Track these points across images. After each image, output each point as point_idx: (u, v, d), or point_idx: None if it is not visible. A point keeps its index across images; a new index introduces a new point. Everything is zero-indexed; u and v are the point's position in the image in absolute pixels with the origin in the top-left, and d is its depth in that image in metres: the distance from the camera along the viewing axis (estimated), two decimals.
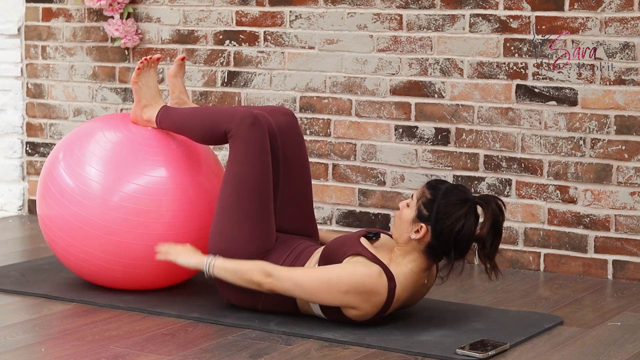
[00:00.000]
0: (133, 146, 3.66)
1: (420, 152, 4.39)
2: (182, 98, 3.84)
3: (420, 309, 3.55)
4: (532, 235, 4.23)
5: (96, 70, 5.04)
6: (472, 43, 4.27)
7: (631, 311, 3.66)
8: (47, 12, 5.12)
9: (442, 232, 3.27)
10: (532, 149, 4.20)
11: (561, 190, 4.16)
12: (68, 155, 3.69)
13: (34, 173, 5.21)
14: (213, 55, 4.77)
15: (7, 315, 3.52)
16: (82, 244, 3.63)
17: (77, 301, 3.65)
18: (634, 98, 4.02)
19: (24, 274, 3.98)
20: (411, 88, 4.39)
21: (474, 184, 4.30)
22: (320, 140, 4.58)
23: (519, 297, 3.83)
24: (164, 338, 3.27)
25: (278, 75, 4.64)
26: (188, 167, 3.69)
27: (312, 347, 3.20)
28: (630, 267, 4.08)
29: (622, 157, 4.06)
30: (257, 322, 3.40)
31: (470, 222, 3.28)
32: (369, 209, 4.50)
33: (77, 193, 3.62)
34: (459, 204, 3.28)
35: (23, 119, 5.22)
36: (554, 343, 3.29)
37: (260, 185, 3.48)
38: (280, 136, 3.61)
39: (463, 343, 3.21)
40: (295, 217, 3.64)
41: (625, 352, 3.21)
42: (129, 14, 4.90)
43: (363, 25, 4.45)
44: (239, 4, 4.70)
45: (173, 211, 3.62)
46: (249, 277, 3.35)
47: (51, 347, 3.18)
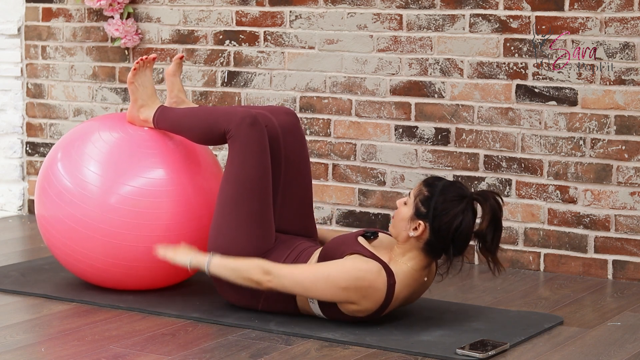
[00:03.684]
0: (130, 147, 3.65)
1: (420, 152, 4.39)
2: (180, 97, 3.84)
3: (420, 309, 3.56)
4: (532, 235, 4.23)
5: (96, 70, 5.04)
6: (472, 43, 4.27)
7: (631, 311, 3.66)
8: (47, 12, 5.12)
9: (440, 229, 3.28)
10: (532, 149, 4.20)
11: (561, 190, 4.16)
12: (66, 156, 3.68)
13: (34, 173, 5.21)
14: (213, 55, 4.77)
15: (7, 315, 3.52)
16: (80, 245, 3.62)
17: (77, 301, 3.65)
18: (634, 98, 4.02)
19: (24, 274, 3.97)
20: (411, 88, 4.39)
21: (474, 184, 4.30)
22: (320, 140, 4.58)
23: (519, 297, 3.83)
24: (164, 338, 3.27)
25: (278, 75, 4.64)
26: (186, 167, 3.68)
27: (312, 347, 3.20)
28: (630, 267, 4.08)
29: (622, 157, 4.06)
30: (257, 322, 3.39)
31: (468, 218, 3.28)
32: (369, 209, 4.50)
33: (74, 194, 3.61)
34: (456, 200, 3.28)
35: (23, 119, 5.22)
36: (554, 343, 3.29)
37: (259, 186, 3.48)
38: (282, 136, 3.61)
39: (463, 343, 3.21)
40: (295, 218, 3.64)
41: (625, 352, 3.21)
42: (129, 14, 4.90)
43: (363, 25, 4.45)
44: (239, 4, 4.70)
45: (171, 212, 3.61)
46: (248, 275, 3.35)
47: (51, 347, 3.18)
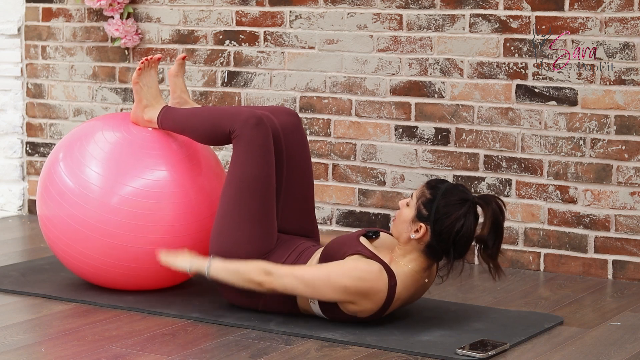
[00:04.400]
0: (133, 147, 3.65)
1: (420, 152, 4.39)
2: (183, 97, 3.84)
3: (420, 309, 3.55)
4: (532, 235, 4.23)
5: (96, 70, 5.04)
6: (472, 43, 4.27)
7: (631, 311, 3.66)
8: (47, 12, 5.12)
9: (442, 232, 3.27)
10: (532, 149, 4.20)
11: (561, 190, 4.16)
12: (68, 156, 3.68)
13: (34, 173, 5.21)
14: (213, 55, 4.77)
15: (7, 315, 3.52)
16: (82, 245, 3.62)
17: (77, 301, 3.65)
18: (634, 98, 4.02)
19: (24, 274, 3.97)
20: (411, 88, 4.39)
21: (474, 184, 4.30)
22: (320, 140, 4.57)
23: (519, 297, 3.83)
24: (164, 338, 3.27)
25: (278, 75, 4.64)
26: (189, 168, 3.68)
27: (312, 347, 3.20)
28: (630, 267, 4.08)
29: (622, 157, 4.05)
30: (257, 322, 3.39)
31: (470, 222, 3.27)
32: (369, 209, 4.50)
33: (76, 194, 3.61)
34: (458, 203, 3.28)
35: (23, 119, 5.22)
36: (554, 343, 3.29)
37: (263, 187, 3.48)
38: (284, 137, 3.60)
39: (463, 343, 3.21)
40: (296, 218, 3.63)
41: (625, 352, 3.21)
42: (129, 14, 4.90)
43: (363, 25, 4.45)
44: (239, 4, 4.70)
45: (173, 213, 3.61)
46: (249, 277, 3.35)
47: (51, 347, 3.18)
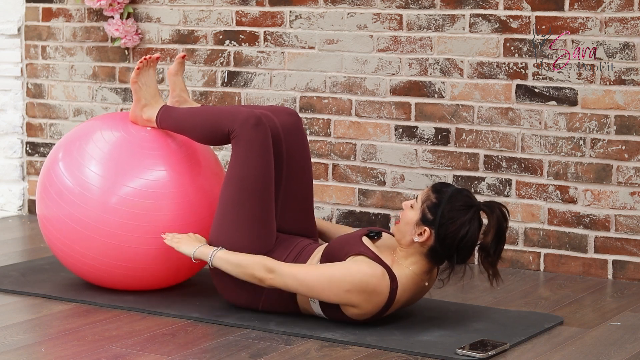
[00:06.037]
0: (132, 147, 3.65)
1: (420, 152, 4.39)
2: (182, 96, 3.84)
3: (420, 309, 3.55)
4: (532, 235, 4.23)
5: (96, 70, 5.04)
6: (472, 43, 4.27)
7: (631, 311, 3.66)
8: (47, 12, 5.12)
9: (446, 237, 3.26)
10: (532, 149, 4.20)
11: (561, 190, 4.16)
12: (67, 156, 3.68)
13: (34, 173, 5.21)
14: (213, 55, 4.77)
15: (7, 315, 3.52)
16: (81, 245, 3.62)
17: (77, 301, 3.65)
18: (634, 98, 4.02)
19: (24, 274, 3.97)
20: (411, 88, 4.39)
21: (474, 184, 4.30)
22: (320, 140, 4.57)
23: (519, 297, 3.83)
24: (164, 338, 3.27)
25: (278, 75, 4.64)
26: (188, 168, 3.68)
27: (312, 347, 3.20)
28: (630, 267, 4.08)
29: (622, 157, 4.05)
30: (257, 322, 3.39)
31: (474, 228, 3.26)
32: (369, 209, 4.50)
33: (75, 195, 3.61)
34: (463, 209, 3.26)
35: (23, 119, 5.22)
36: (554, 343, 3.29)
37: (262, 187, 3.48)
38: (284, 137, 3.60)
39: (463, 343, 3.21)
40: (295, 218, 3.63)
41: (625, 352, 3.21)
42: (129, 14, 4.90)
43: (363, 25, 4.45)
44: (239, 4, 4.70)
45: (173, 213, 3.60)
46: (251, 271, 3.35)
47: (51, 347, 3.18)
